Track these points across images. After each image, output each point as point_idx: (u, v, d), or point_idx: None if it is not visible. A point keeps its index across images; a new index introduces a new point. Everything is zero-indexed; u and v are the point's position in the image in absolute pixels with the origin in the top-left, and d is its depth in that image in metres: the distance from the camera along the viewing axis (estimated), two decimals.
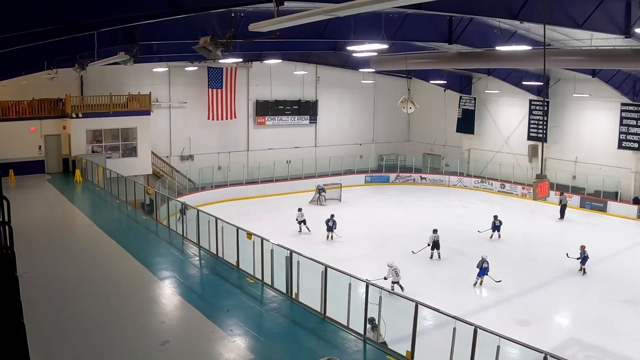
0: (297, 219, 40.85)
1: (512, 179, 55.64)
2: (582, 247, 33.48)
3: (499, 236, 39.77)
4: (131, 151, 45.12)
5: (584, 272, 32.88)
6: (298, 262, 17.96)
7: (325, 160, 59.02)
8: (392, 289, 26.81)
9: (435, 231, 35.89)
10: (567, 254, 33.68)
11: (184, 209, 47.16)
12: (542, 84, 49.45)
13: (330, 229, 39.53)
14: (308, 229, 40.51)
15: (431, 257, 35.65)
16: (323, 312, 16.75)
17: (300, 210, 41.35)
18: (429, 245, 35.67)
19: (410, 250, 35.80)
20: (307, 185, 53.55)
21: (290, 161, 56.82)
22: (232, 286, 19.58)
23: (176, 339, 15.01)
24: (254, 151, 57.80)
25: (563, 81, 50.79)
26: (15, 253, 9.69)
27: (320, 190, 50.46)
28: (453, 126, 62.40)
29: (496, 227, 39.83)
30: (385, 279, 28.38)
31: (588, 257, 33.20)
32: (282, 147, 59.12)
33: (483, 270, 31.24)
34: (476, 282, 31.35)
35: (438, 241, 35.61)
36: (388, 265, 29.28)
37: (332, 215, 40.34)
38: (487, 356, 13.47)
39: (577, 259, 33.30)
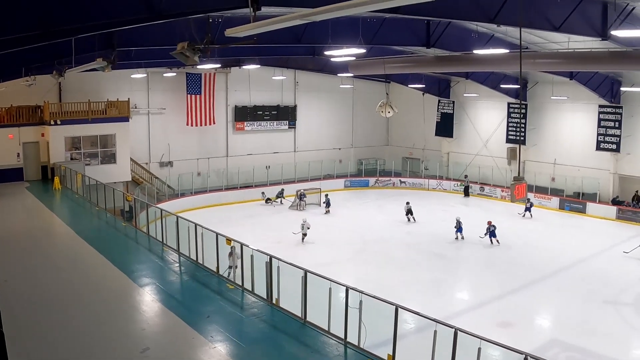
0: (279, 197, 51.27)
1: (491, 182, 55.97)
2: (489, 223, 39.26)
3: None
4: (110, 158, 44.88)
5: (492, 243, 38.79)
6: (278, 267, 17.95)
7: (304, 165, 58.97)
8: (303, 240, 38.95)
9: (407, 203, 46.62)
10: (480, 237, 39.50)
11: (281, 192, 52.20)
12: (520, 86, 49.78)
13: (328, 204, 49.26)
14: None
15: (408, 220, 45.99)
16: (304, 317, 16.75)
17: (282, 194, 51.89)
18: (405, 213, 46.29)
19: (390, 257, 36.18)
20: (287, 191, 53.40)
21: (269, 166, 56.83)
22: (212, 292, 19.53)
23: (157, 346, 14.95)
24: (233, 157, 57.77)
25: (541, 84, 51.14)
26: None
27: (301, 195, 50.51)
28: (432, 130, 62.63)
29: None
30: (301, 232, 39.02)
31: (495, 229, 38.82)
32: (261, 153, 59.22)
33: (459, 229, 39.94)
34: (457, 237, 39.96)
35: (410, 209, 46.18)
36: (302, 220, 39.58)
37: (327, 195, 50.43)
38: (469, 358, 13.50)
39: (485, 234, 39.01)
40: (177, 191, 50.74)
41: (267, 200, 52.50)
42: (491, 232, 38.81)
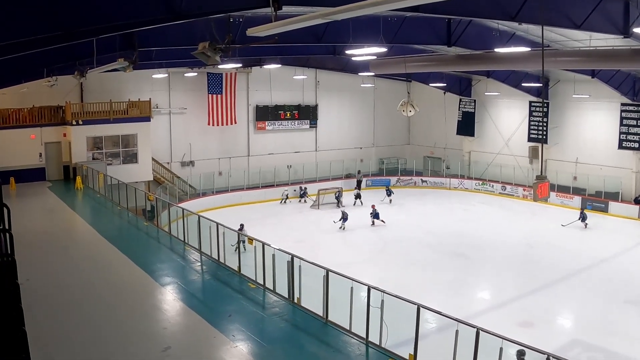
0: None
1: (513, 181, 55.61)
2: (373, 207, 44.68)
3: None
4: (132, 158, 45.12)
5: (374, 224, 43.60)
6: (299, 266, 17.95)
7: (325, 164, 58.98)
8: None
9: (356, 188, 54.42)
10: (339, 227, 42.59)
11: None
12: (541, 85, 49.49)
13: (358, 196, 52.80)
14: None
15: (354, 204, 50.33)
16: (325, 316, 16.74)
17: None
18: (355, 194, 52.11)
19: (411, 257, 36.20)
20: (309, 190, 53.52)
21: (290, 166, 56.91)
22: (233, 291, 19.58)
23: (178, 345, 14.99)
24: (254, 156, 57.81)
25: (562, 82, 50.81)
26: (16, 260, 9.70)
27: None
28: (453, 129, 62.34)
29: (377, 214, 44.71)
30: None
31: (378, 214, 43.60)
32: (282, 152, 59.17)
33: (344, 219, 42.48)
34: (341, 227, 42.24)
35: (359, 193, 52.08)
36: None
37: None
38: (490, 358, 13.44)
39: (371, 215, 43.77)
40: (199, 191, 50.83)
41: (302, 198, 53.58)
42: (375, 214, 43.62)
